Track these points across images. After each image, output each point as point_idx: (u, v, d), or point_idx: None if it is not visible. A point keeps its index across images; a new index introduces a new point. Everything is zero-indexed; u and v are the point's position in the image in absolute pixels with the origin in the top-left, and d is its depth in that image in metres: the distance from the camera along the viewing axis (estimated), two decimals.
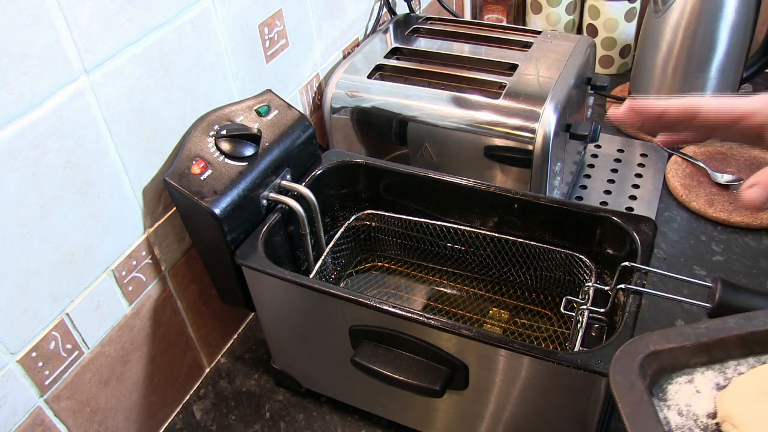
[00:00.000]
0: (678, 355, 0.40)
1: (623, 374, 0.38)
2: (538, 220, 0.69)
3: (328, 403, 0.74)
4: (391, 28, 0.99)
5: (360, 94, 0.86)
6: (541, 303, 0.73)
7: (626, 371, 0.38)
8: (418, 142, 0.84)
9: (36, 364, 0.56)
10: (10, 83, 0.48)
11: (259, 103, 0.70)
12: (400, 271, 0.81)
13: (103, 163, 0.57)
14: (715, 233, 0.89)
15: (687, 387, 0.40)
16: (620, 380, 0.38)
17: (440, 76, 0.87)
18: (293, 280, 0.60)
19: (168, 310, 0.70)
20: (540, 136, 0.76)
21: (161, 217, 0.66)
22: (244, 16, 0.71)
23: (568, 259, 0.69)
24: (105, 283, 0.61)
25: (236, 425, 0.73)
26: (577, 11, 1.26)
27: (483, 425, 0.63)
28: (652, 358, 0.39)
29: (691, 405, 0.39)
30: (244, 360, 0.80)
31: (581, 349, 0.59)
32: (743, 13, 0.92)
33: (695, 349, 0.40)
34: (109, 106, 0.56)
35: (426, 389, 0.58)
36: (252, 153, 0.65)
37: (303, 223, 0.69)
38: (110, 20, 0.54)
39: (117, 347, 0.64)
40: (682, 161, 0.99)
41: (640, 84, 1.05)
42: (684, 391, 0.40)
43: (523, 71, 0.84)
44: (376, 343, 0.61)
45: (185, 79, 0.64)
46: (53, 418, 0.59)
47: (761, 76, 1.18)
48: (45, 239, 0.54)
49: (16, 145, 0.49)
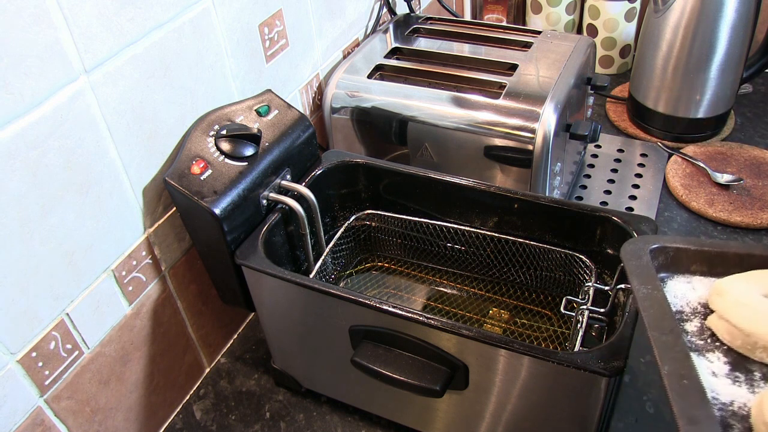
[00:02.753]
0: (682, 257, 0.45)
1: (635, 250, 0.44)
2: (538, 220, 0.69)
3: (328, 403, 0.74)
4: (391, 28, 0.99)
5: (360, 94, 0.86)
6: (541, 303, 0.73)
7: (637, 249, 0.44)
8: (418, 142, 0.84)
9: (36, 364, 0.56)
10: (10, 83, 0.48)
11: (259, 103, 0.70)
12: (400, 271, 0.81)
13: (103, 163, 0.57)
14: (715, 233, 0.89)
15: (685, 285, 0.45)
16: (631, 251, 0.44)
17: (440, 76, 0.87)
18: (293, 280, 0.60)
19: (168, 310, 0.70)
20: (540, 136, 0.76)
21: (161, 217, 0.66)
22: (244, 16, 0.71)
23: (568, 259, 0.69)
24: (105, 283, 0.61)
25: (236, 425, 0.73)
26: (577, 11, 1.26)
27: (483, 425, 0.63)
28: (660, 251, 0.44)
29: (687, 294, 0.44)
30: (244, 360, 0.80)
31: (581, 349, 0.59)
32: (743, 13, 0.92)
33: (698, 255, 0.45)
34: (109, 106, 0.56)
35: (426, 389, 0.58)
36: (252, 153, 0.65)
37: (303, 223, 0.69)
38: (110, 20, 0.54)
39: (117, 347, 0.64)
40: (682, 161, 0.99)
41: (640, 84, 1.05)
42: (682, 286, 0.45)
43: (523, 71, 0.84)
44: (376, 343, 0.61)
45: (185, 79, 0.64)
46: (53, 418, 0.59)
47: (761, 76, 1.18)
48: (45, 239, 0.54)
49: (16, 145, 0.49)
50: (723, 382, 0.38)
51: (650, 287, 0.42)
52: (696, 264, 0.45)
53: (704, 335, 0.41)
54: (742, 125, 1.08)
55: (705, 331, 0.42)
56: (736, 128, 1.08)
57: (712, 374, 0.39)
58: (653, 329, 0.39)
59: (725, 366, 0.39)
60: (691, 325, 0.42)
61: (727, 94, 1.00)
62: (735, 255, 0.45)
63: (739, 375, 0.39)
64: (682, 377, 0.36)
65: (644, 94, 1.05)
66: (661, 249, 0.44)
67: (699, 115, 1.02)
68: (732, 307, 0.41)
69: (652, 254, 0.44)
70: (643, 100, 1.05)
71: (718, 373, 0.39)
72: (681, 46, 0.96)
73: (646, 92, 1.05)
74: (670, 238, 0.45)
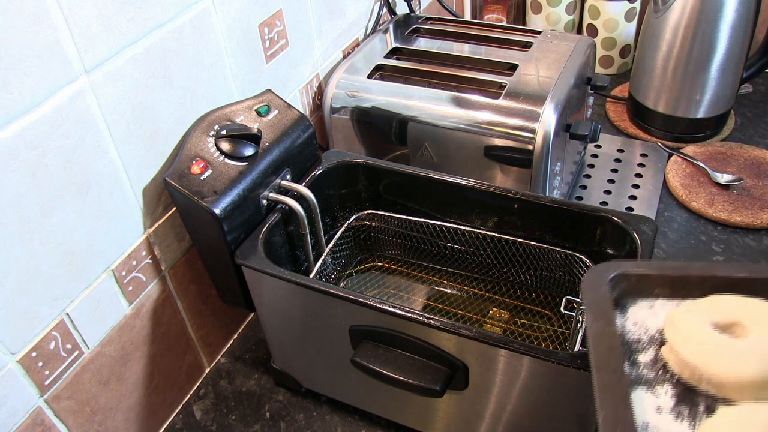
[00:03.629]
0: (644, 281, 0.44)
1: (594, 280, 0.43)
2: (538, 220, 0.69)
3: (328, 403, 0.74)
4: (391, 28, 0.99)
5: (360, 94, 0.86)
6: (541, 303, 0.73)
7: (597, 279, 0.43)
8: (418, 142, 0.84)
9: (36, 364, 0.56)
10: (10, 83, 0.48)
11: (259, 103, 0.70)
12: (400, 271, 0.81)
13: (103, 163, 0.57)
14: (715, 233, 0.89)
15: (647, 310, 0.45)
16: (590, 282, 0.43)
17: (440, 76, 0.87)
18: (293, 280, 0.60)
19: (168, 310, 0.70)
20: (540, 136, 0.76)
21: (161, 217, 0.66)
22: (244, 16, 0.71)
23: (568, 259, 0.69)
24: (105, 283, 0.61)
25: (236, 425, 0.73)
26: (577, 11, 1.26)
27: (483, 425, 0.63)
28: (621, 278, 0.44)
29: (646, 320, 0.44)
30: (244, 360, 0.80)
31: (581, 349, 0.59)
32: (743, 13, 0.92)
33: (660, 279, 0.44)
34: (109, 106, 0.56)
35: (426, 389, 0.58)
36: (252, 153, 0.65)
37: (303, 223, 0.69)
38: (110, 20, 0.54)
39: (117, 347, 0.64)
40: (682, 161, 0.99)
41: (640, 84, 1.05)
42: (643, 312, 0.45)
43: (523, 71, 0.84)
44: (376, 343, 0.61)
45: (185, 79, 0.64)
46: (53, 418, 0.59)
47: (761, 76, 1.18)
48: (45, 239, 0.54)
49: (16, 145, 0.49)
50: (666, 419, 0.38)
51: (602, 322, 0.41)
52: (659, 288, 0.45)
53: (657, 366, 0.41)
54: (742, 125, 1.08)
55: (658, 362, 0.41)
56: (736, 128, 1.08)
57: (657, 410, 0.39)
58: (597, 369, 0.38)
59: (671, 400, 0.39)
60: (646, 356, 0.42)
61: (727, 94, 1.00)
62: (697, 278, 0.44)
63: (683, 409, 0.39)
64: (617, 423, 0.36)
65: (644, 94, 1.05)
66: (623, 276, 0.44)
67: (699, 115, 1.02)
68: (681, 339, 0.41)
69: (613, 282, 0.44)
70: (643, 100, 1.05)
71: (663, 408, 0.39)
72: (681, 46, 0.96)
73: (646, 92, 1.05)
74: (633, 264, 0.45)
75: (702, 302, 0.43)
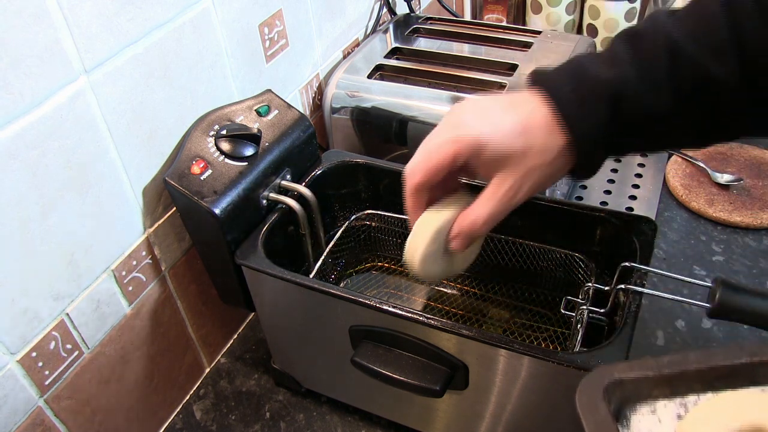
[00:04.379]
0: (641, 385, 0.41)
1: (589, 397, 0.40)
2: (538, 220, 0.69)
3: (328, 403, 0.74)
4: (391, 28, 0.99)
5: (360, 94, 0.86)
6: (541, 303, 0.73)
7: (591, 395, 0.40)
8: (418, 142, 0.84)
9: (36, 364, 0.56)
10: (10, 83, 0.48)
11: (259, 103, 0.70)
12: (400, 271, 0.81)
13: (103, 163, 0.57)
14: (715, 233, 0.89)
15: (649, 417, 0.41)
16: (585, 402, 0.39)
17: (440, 76, 0.87)
18: (293, 280, 0.60)
19: (168, 310, 0.70)
20: None
21: (161, 217, 0.66)
22: (244, 16, 0.71)
23: (567, 259, 0.69)
24: (105, 283, 0.61)
25: (236, 425, 0.73)
26: (577, 11, 1.26)
27: (483, 425, 0.63)
28: (616, 386, 0.41)
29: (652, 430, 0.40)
30: (244, 360, 0.80)
31: (581, 349, 0.59)
32: None
33: (658, 380, 0.41)
34: (109, 106, 0.56)
35: (426, 389, 0.58)
36: (252, 153, 0.65)
37: (303, 223, 0.69)
38: (110, 20, 0.54)
39: (117, 347, 0.64)
40: (682, 161, 0.99)
41: None
42: (646, 421, 0.41)
43: (524, 71, 0.84)
44: (376, 343, 0.61)
45: (185, 79, 0.64)
46: (53, 418, 0.59)
47: None
48: (45, 239, 0.54)
49: (16, 145, 0.49)
50: None
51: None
52: (657, 389, 0.42)
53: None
54: None
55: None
56: None
57: None
58: None
59: None
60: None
61: None
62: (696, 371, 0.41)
63: None
64: None
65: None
66: (616, 384, 0.41)
67: None
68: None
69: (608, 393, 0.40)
70: None
71: None
72: None
73: None
74: (625, 366, 0.41)
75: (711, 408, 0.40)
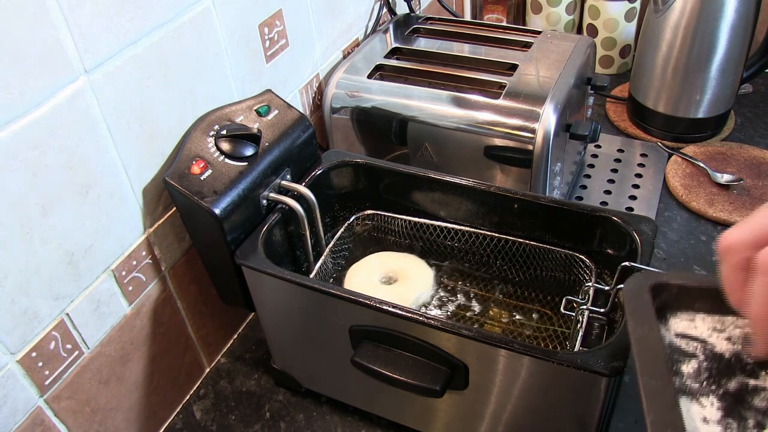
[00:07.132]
0: (684, 295, 0.44)
1: (636, 289, 0.43)
2: (538, 220, 0.69)
3: (328, 403, 0.74)
4: (391, 28, 0.99)
5: (360, 94, 0.86)
6: (541, 303, 0.73)
7: (638, 287, 0.43)
8: (418, 142, 0.84)
9: (36, 364, 0.56)
10: (10, 83, 0.48)
11: (259, 103, 0.70)
12: None
13: (103, 164, 0.57)
14: (715, 233, 0.89)
15: (687, 323, 0.44)
16: (631, 291, 0.43)
17: (440, 76, 0.87)
18: (293, 280, 0.60)
19: (168, 310, 0.70)
20: (540, 136, 0.76)
21: (161, 217, 0.66)
22: (244, 16, 0.71)
23: (568, 259, 0.69)
24: (105, 283, 0.61)
25: (236, 425, 0.73)
26: (577, 11, 1.26)
27: (483, 425, 0.63)
28: (661, 288, 0.43)
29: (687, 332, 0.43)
30: (244, 360, 0.80)
31: (581, 349, 0.59)
32: (743, 13, 0.92)
33: (700, 292, 0.43)
34: (109, 106, 0.56)
35: (426, 389, 0.58)
36: (252, 153, 0.65)
37: (303, 223, 0.69)
38: (110, 20, 0.54)
39: (117, 347, 0.64)
40: (682, 161, 0.99)
41: (640, 84, 1.05)
42: (683, 325, 0.44)
43: (523, 71, 0.84)
44: (376, 343, 0.61)
45: (185, 79, 0.64)
46: (53, 418, 0.59)
47: (761, 76, 1.18)
48: (45, 239, 0.54)
49: (16, 145, 0.49)
50: (714, 429, 0.38)
51: (646, 327, 0.41)
52: (699, 302, 0.44)
53: (700, 377, 0.41)
54: (742, 125, 1.08)
55: (702, 373, 0.41)
56: (736, 128, 1.08)
57: (703, 420, 0.38)
58: (644, 374, 0.38)
59: (718, 412, 0.39)
60: (689, 367, 0.41)
61: (727, 94, 1.00)
62: None
63: (732, 422, 0.38)
64: (666, 426, 0.35)
65: (644, 94, 1.05)
66: (663, 285, 0.43)
67: (699, 115, 1.02)
68: None
69: (654, 291, 0.43)
70: (643, 100, 1.05)
71: (710, 419, 0.38)
72: (681, 46, 0.96)
73: (646, 92, 1.04)
74: (674, 275, 0.44)
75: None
